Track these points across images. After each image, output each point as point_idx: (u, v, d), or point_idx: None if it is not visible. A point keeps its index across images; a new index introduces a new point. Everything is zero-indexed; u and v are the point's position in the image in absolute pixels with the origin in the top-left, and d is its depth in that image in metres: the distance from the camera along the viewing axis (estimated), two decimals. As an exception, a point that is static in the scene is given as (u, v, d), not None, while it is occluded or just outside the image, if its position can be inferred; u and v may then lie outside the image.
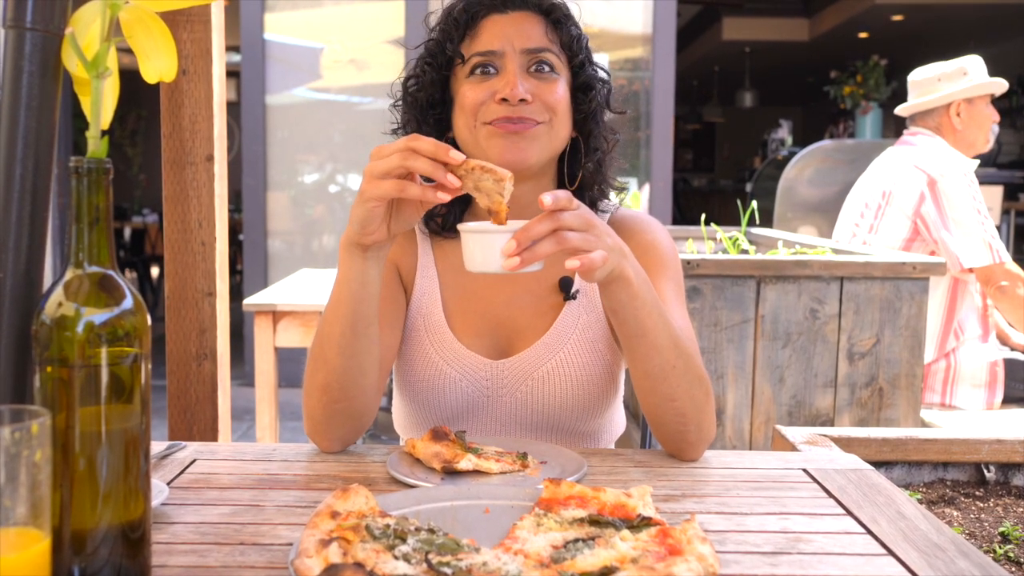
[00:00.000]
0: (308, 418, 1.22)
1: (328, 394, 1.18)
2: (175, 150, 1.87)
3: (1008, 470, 1.48)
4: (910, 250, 2.84)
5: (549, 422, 1.33)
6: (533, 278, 1.35)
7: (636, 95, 5.67)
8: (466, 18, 1.31)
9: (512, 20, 1.30)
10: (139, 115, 11.30)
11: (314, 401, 1.19)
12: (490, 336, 1.35)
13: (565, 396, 1.31)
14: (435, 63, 1.33)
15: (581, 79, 1.32)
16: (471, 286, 1.37)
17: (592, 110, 1.33)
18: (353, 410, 1.20)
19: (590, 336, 1.33)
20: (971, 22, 8.85)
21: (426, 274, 1.38)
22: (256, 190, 5.55)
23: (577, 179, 1.35)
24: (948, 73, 2.96)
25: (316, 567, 0.75)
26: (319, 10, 5.63)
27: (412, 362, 1.35)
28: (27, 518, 0.66)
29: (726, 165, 14.41)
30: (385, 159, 1.05)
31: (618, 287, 1.10)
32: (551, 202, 1.01)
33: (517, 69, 1.27)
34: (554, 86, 1.28)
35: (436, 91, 1.34)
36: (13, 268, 0.87)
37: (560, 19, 1.31)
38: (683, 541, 0.83)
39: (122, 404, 0.76)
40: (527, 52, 1.28)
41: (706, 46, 10.82)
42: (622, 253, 1.09)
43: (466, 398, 1.33)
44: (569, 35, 1.31)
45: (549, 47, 1.29)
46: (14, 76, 0.88)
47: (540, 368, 1.32)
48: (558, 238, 1.01)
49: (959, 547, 0.90)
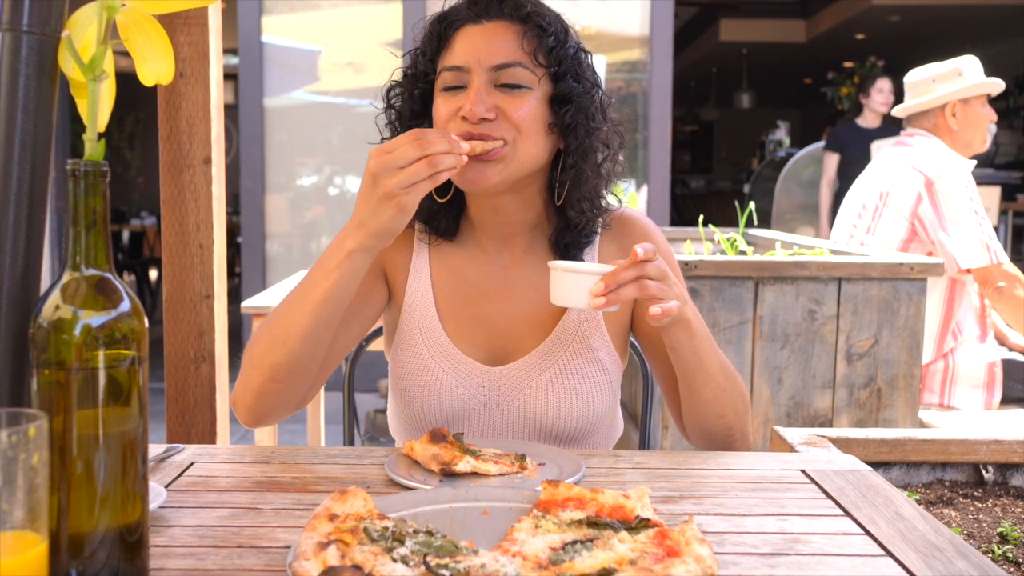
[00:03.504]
0: (241, 388, 1.24)
1: (275, 373, 1.20)
2: (173, 153, 1.87)
3: (1006, 470, 1.48)
4: (908, 251, 2.84)
5: (547, 431, 1.32)
6: (531, 286, 1.35)
7: (633, 97, 5.67)
8: (440, 30, 1.30)
9: (484, 32, 1.26)
10: (137, 118, 11.30)
11: (257, 375, 1.22)
12: (486, 342, 1.34)
13: (564, 405, 1.30)
14: (414, 74, 1.33)
15: (558, 91, 1.27)
16: (467, 291, 1.36)
17: (569, 124, 1.27)
18: (292, 391, 1.23)
19: (590, 344, 1.33)
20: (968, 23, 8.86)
21: (420, 276, 1.37)
22: (254, 193, 5.54)
23: (560, 194, 1.31)
24: (943, 74, 2.96)
25: (314, 570, 0.75)
26: (317, 13, 5.63)
27: (407, 366, 1.34)
28: (24, 521, 0.66)
29: (724, 166, 14.42)
30: (398, 152, 1.07)
31: (679, 328, 1.20)
32: (642, 253, 1.11)
33: (482, 85, 1.23)
34: (520, 102, 1.24)
35: (416, 103, 1.33)
36: (10, 271, 0.87)
37: (537, 28, 1.26)
38: (681, 542, 0.83)
39: (119, 407, 0.76)
40: (494, 68, 1.24)
41: (703, 48, 10.83)
42: (685, 299, 1.19)
43: (462, 405, 1.32)
44: (547, 46, 1.26)
45: (520, 60, 1.25)
46: (11, 79, 0.88)
47: (539, 376, 1.31)
48: (640, 285, 1.12)
49: (957, 547, 0.90)
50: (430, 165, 1.06)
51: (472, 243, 1.38)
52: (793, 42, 10.00)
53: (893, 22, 9.00)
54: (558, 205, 1.32)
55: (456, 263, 1.38)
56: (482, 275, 1.36)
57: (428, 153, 1.06)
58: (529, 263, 1.36)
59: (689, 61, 11.49)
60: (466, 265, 1.37)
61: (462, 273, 1.37)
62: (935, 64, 3.00)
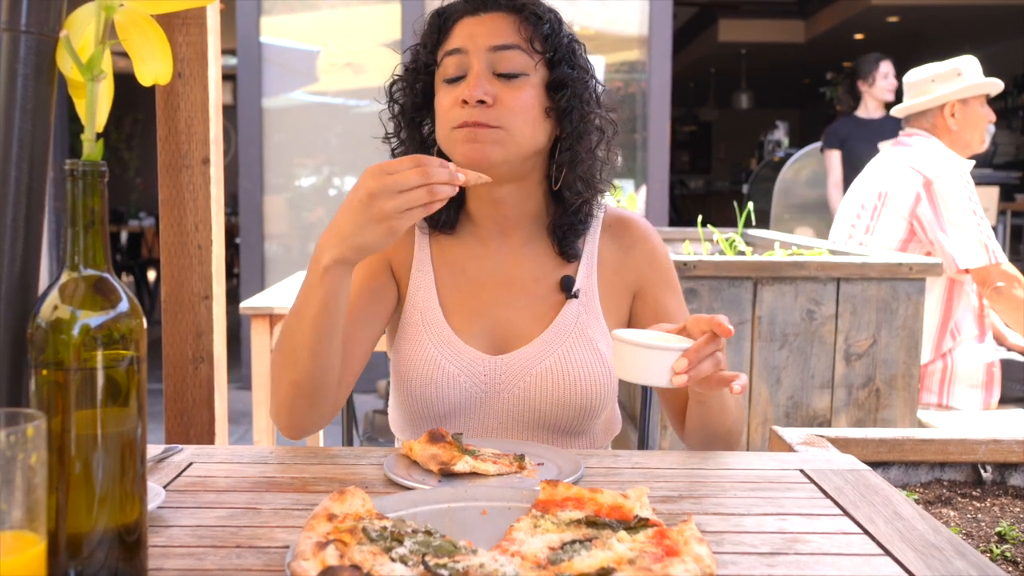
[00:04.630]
0: (275, 405, 1.26)
1: (297, 390, 1.23)
2: (171, 153, 1.87)
3: (1005, 470, 1.48)
4: (906, 251, 2.84)
5: (546, 420, 1.34)
6: (532, 278, 1.38)
7: (632, 97, 5.67)
8: (439, 23, 1.34)
9: (482, 21, 1.31)
10: (135, 118, 11.29)
11: (282, 392, 1.24)
12: (488, 333, 1.36)
13: (563, 393, 1.32)
14: (416, 68, 1.36)
15: (554, 76, 1.31)
16: (468, 284, 1.38)
17: (564, 109, 1.31)
18: (319, 402, 1.25)
19: (589, 335, 1.35)
20: (967, 23, 8.87)
21: (422, 269, 1.39)
22: (253, 193, 5.54)
23: (557, 179, 1.35)
24: (942, 74, 2.96)
25: (313, 570, 0.75)
26: (315, 13, 5.63)
27: (410, 357, 1.35)
28: (22, 522, 0.66)
29: (723, 167, 14.43)
30: (400, 176, 1.06)
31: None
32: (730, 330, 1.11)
33: (482, 69, 1.27)
34: (518, 91, 1.28)
35: (419, 97, 1.37)
36: (8, 271, 0.87)
37: (533, 16, 1.31)
38: (680, 542, 0.83)
39: (118, 407, 0.76)
40: (493, 49, 1.28)
41: (702, 48, 10.83)
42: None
43: (464, 394, 1.34)
44: (542, 33, 1.31)
45: (519, 43, 1.29)
46: (9, 79, 0.88)
47: (539, 365, 1.33)
48: (715, 359, 1.12)
49: (956, 547, 0.90)
50: (429, 194, 1.06)
51: (471, 237, 1.41)
52: (792, 42, 10.00)
53: (892, 22, 9.01)
54: (555, 189, 1.35)
55: (457, 257, 1.41)
56: (483, 268, 1.39)
57: (430, 182, 1.06)
58: (529, 255, 1.39)
59: (688, 61, 11.49)
60: (467, 259, 1.40)
61: (463, 267, 1.40)
62: (934, 64, 3.01)
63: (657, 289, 1.41)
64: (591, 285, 1.38)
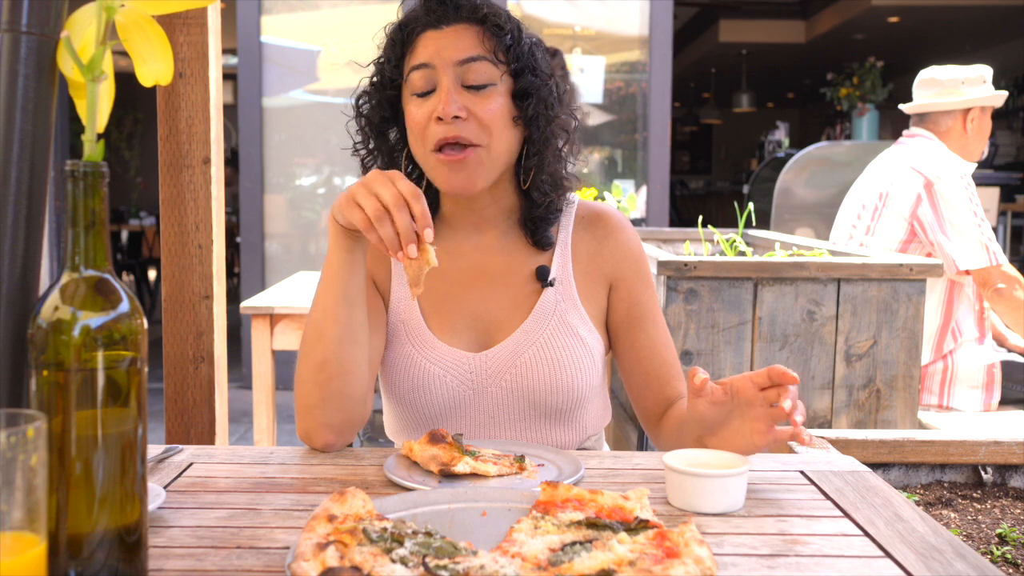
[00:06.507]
0: (302, 409, 1.23)
1: (325, 371, 1.21)
2: (172, 153, 1.87)
3: (1005, 471, 1.48)
4: (907, 252, 2.84)
5: (535, 409, 1.35)
6: (509, 271, 1.41)
7: (633, 97, 5.67)
8: (402, 36, 1.35)
9: (446, 35, 1.31)
10: (136, 118, 11.30)
11: (310, 384, 1.22)
12: (470, 331, 1.38)
13: (548, 380, 1.34)
14: (381, 81, 1.38)
15: (519, 86, 1.33)
16: (445, 286, 1.40)
17: (531, 116, 1.33)
18: (349, 390, 1.23)
19: (568, 321, 1.37)
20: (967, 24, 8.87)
21: (400, 279, 1.42)
22: (253, 193, 5.54)
23: (525, 180, 1.38)
24: (971, 78, 2.93)
25: (313, 570, 0.75)
26: (315, 13, 5.63)
27: (395, 366, 1.37)
28: (23, 522, 0.66)
29: (723, 167, 14.43)
30: (389, 188, 1.10)
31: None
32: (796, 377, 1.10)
33: (451, 83, 1.29)
34: (487, 101, 1.30)
35: (385, 110, 1.38)
36: (9, 272, 0.87)
37: (495, 27, 1.32)
38: (680, 544, 0.83)
39: (118, 408, 0.76)
40: (460, 63, 1.29)
41: (703, 48, 10.83)
42: None
43: (452, 393, 1.35)
44: (505, 44, 1.32)
45: (484, 55, 1.30)
46: (10, 79, 0.88)
47: (522, 355, 1.35)
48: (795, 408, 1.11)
49: (956, 549, 0.90)
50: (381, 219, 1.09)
51: (446, 239, 1.43)
52: (792, 43, 10.00)
53: (892, 23, 9.00)
54: (524, 189, 1.39)
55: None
56: (459, 267, 1.41)
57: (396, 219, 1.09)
58: (503, 250, 1.42)
59: (688, 62, 11.49)
60: (442, 261, 1.41)
61: (439, 269, 1.40)
62: (957, 67, 2.97)
63: (631, 282, 1.43)
64: (567, 274, 1.40)
